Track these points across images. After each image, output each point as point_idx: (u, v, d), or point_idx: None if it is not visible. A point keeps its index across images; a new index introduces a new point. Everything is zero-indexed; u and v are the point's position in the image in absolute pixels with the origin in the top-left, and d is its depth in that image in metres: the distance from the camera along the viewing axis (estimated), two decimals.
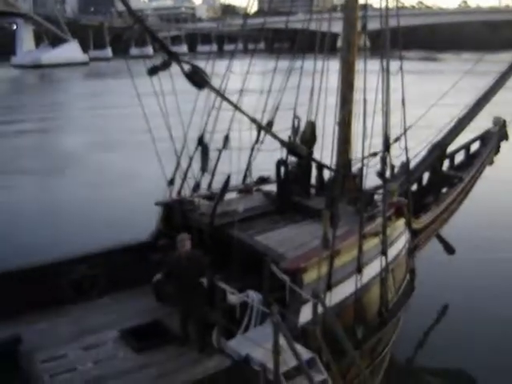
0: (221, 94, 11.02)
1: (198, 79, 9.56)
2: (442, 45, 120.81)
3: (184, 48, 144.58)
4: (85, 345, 10.47)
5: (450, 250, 16.25)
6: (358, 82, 11.60)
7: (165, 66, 9.43)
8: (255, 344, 8.57)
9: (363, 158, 11.14)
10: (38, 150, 37.65)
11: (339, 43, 12.95)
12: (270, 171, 14.10)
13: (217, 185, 13.53)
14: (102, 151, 36.42)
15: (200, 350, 10.15)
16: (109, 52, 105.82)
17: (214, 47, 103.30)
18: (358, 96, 11.75)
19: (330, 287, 9.50)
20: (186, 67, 9.36)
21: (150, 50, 69.13)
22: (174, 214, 12.83)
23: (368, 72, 11.06)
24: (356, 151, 11.84)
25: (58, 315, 11.48)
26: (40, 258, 12.67)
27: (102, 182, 29.24)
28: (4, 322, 11.04)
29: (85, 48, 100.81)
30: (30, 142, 40.51)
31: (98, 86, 71.24)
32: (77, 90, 67.85)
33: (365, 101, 11.05)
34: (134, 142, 36.94)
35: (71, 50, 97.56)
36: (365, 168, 11.32)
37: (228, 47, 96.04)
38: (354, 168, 12.35)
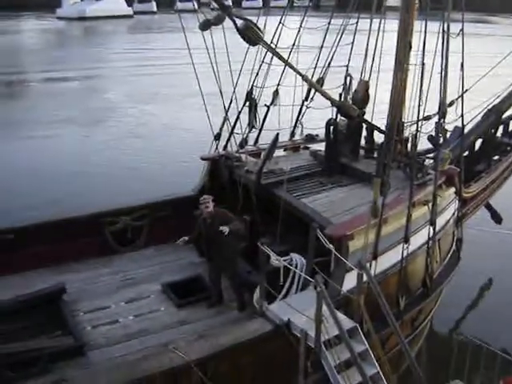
0: (273, 49, 10.71)
1: (251, 35, 9.26)
2: (494, 8, 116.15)
3: (229, 2, 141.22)
4: (127, 297, 10.61)
5: (497, 218, 15.84)
6: (416, 44, 11.12)
7: (218, 20, 9.17)
8: (297, 310, 8.51)
9: (417, 122, 10.79)
10: (81, 100, 37.63)
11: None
12: (318, 130, 13.83)
13: (264, 141, 13.36)
14: (145, 104, 36.23)
15: (239, 309, 10.19)
16: (153, 6, 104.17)
17: (259, 2, 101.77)
18: (414, 58, 11.30)
19: (375, 256, 9.33)
20: (239, 22, 9.07)
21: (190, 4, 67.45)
22: (220, 169, 12.72)
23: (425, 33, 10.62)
24: (409, 115, 11.45)
25: (101, 266, 11.63)
26: (84, 208, 12.78)
27: (145, 134, 29.19)
28: (49, 271, 11.25)
29: (129, 1, 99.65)
30: (74, 93, 40.52)
31: (142, 39, 70.61)
32: (121, 43, 67.33)
33: (423, 64, 10.66)
34: (178, 95, 36.77)
35: (116, 3, 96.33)
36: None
37: (274, 3, 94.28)
38: (406, 132, 11.98)
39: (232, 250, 10.32)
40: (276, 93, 13.47)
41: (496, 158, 14.80)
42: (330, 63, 13.30)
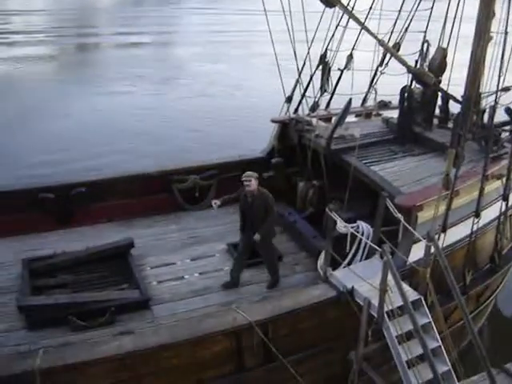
0: (350, 12, 10.49)
1: None
2: None
3: None
4: (193, 255, 10.80)
5: None
6: (498, 12, 10.64)
7: None
8: (361, 278, 8.47)
9: (496, 93, 10.41)
10: (153, 59, 38.05)
11: None
12: (391, 97, 13.53)
13: (335, 106, 13.19)
14: (216, 64, 36.34)
15: (270, 286, 9.97)
16: None
17: None
18: (496, 26, 10.85)
19: (444, 229, 9.15)
20: None
21: None
22: (290, 132, 12.65)
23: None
24: (487, 85, 11.05)
25: (169, 223, 11.85)
26: (153, 165, 12.99)
27: (215, 93, 29.30)
28: (119, 225, 11.55)
29: None
30: (146, 51, 40.98)
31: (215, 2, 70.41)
32: (193, 4, 67.31)
33: (506, 33, 10.24)
34: (250, 56, 36.60)
35: None
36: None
37: None
38: (483, 103, 11.57)
39: (267, 234, 9.80)
40: (350, 57, 13.25)
41: None
42: (407, 28, 12.95)
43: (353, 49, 13.13)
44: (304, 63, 12.07)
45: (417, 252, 8.79)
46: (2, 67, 35.61)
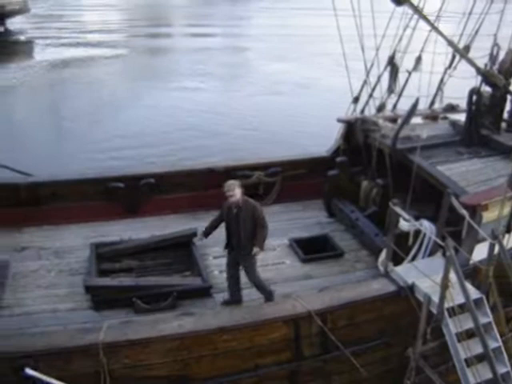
0: (420, 12, 10.49)
1: None
2: None
3: None
4: None
5: None
6: None
7: None
8: (422, 274, 8.45)
9: None
10: (222, 56, 38.61)
11: None
12: (459, 100, 13.39)
13: (402, 107, 13.15)
14: (281, 62, 36.54)
15: (267, 299, 9.20)
16: None
17: None
18: None
19: (508, 230, 9.02)
20: None
21: None
22: (355, 132, 12.66)
23: None
24: None
25: None
26: (219, 160, 13.23)
27: (281, 92, 29.50)
28: (184, 217, 11.85)
29: None
30: (215, 48, 41.56)
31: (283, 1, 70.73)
32: (263, 3, 67.85)
33: None
34: (314, 55, 36.68)
35: None
36: None
37: None
38: None
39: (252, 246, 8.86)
40: (419, 59, 13.18)
41: None
42: (477, 31, 12.81)
43: (421, 50, 13.07)
44: (372, 64, 12.10)
45: (480, 252, 8.71)
46: (78, 55, 37.10)
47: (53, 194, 11.72)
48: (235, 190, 8.70)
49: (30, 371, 6.94)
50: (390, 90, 12.96)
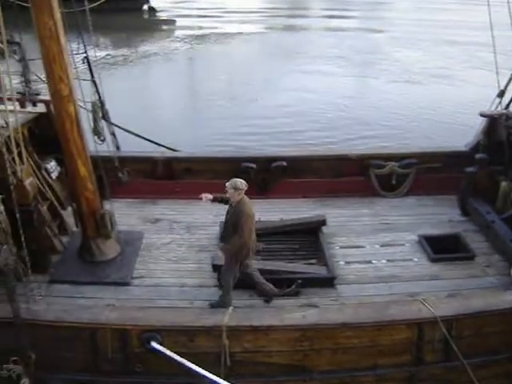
0: None
1: None
2: None
3: None
4: (382, 241, 10.76)
5: None
6: None
7: None
8: None
9: None
10: (356, 39, 37.89)
11: None
12: None
13: None
14: (416, 50, 35.32)
15: (213, 305, 8.76)
16: None
17: None
18: None
19: None
20: None
21: None
22: (499, 128, 12.05)
23: None
24: None
25: (362, 206, 11.91)
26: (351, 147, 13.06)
27: (413, 80, 28.57)
28: (313, 202, 11.86)
29: None
30: (350, 32, 40.74)
31: None
32: None
33: None
34: (453, 44, 35.20)
35: None
36: None
37: None
38: None
39: (229, 255, 8.61)
40: None
41: None
42: None
43: None
44: None
45: None
46: (215, 32, 37.97)
47: (187, 170, 12.14)
48: (229, 191, 8.45)
49: (155, 345, 7.29)
50: None
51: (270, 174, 12.15)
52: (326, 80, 28.09)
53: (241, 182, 8.49)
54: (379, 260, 10.18)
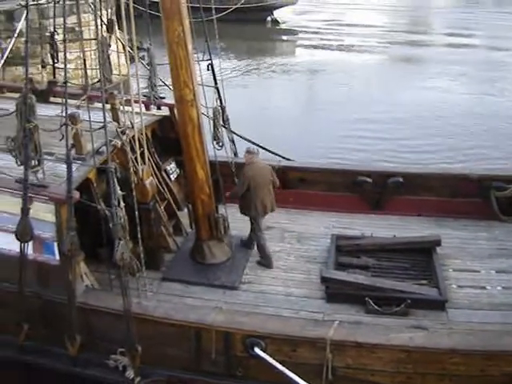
0: None
1: None
2: None
3: None
4: (499, 267, 10.24)
5: None
6: None
7: None
8: None
9: None
10: (477, 60, 36.56)
11: None
12: None
13: None
14: None
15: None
16: None
17: None
18: None
19: None
20: None
21: None
22: None
23: None
24: None
25: (480, 229, 11.42)
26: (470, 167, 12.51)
27: None
28: (428, 221, 11.53)
29: None
30: (471, 53, 39.24)
31: None
32: None
33: None
34: None
35: None
36: None
37: None
38: None
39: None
40: None
41: None
42: None
43: None
44: None
45: None
46: (332, 54, 38.07)
47: (301, 180, 12.17)
48: (244, 154, 10.22)
49: (259, 351, 7.36)
50: None
51: (386, 190, 11.94)
52: (448, 97, 27.36)
53: (253, 148, 10.46)
54: (494, 286, 9.72)
